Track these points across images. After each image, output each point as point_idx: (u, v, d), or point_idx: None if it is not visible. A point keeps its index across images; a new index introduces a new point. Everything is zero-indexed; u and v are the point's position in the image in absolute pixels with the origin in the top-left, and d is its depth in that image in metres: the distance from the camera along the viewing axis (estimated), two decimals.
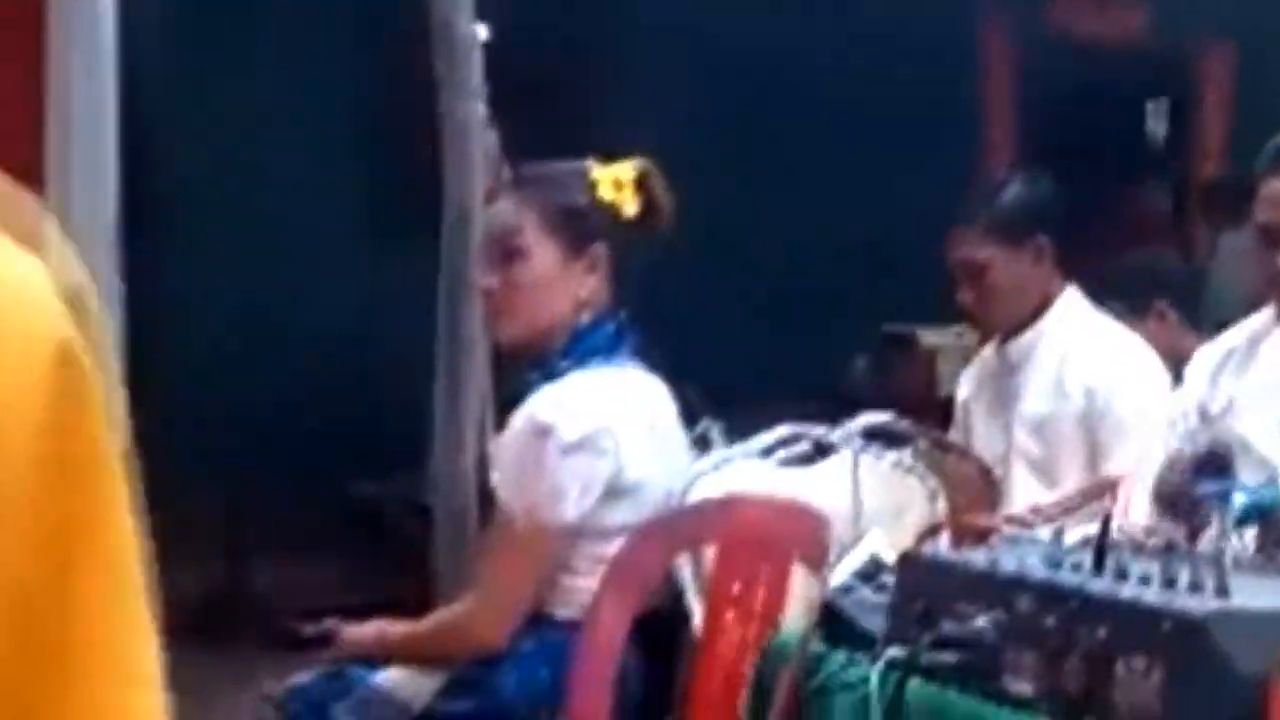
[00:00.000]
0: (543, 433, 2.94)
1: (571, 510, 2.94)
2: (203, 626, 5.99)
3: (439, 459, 4.15)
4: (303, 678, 3.15)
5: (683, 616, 2.99)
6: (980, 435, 3.58)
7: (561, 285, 3.03)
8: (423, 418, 4.26)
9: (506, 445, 3.02)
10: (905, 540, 2.60)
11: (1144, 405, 3.41)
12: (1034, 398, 3.53)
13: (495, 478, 3.00)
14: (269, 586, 5.88)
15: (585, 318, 3.05)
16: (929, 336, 5.76)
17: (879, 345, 6.16)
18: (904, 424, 3.07)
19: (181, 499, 6.49)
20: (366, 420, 6.10)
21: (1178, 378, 3.52)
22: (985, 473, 3.13)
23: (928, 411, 3.57)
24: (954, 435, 3.60)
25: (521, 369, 3.12)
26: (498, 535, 3.02)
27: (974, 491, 2.98)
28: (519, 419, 2.99)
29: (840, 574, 2.78)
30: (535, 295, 3.04)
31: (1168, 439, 3.34)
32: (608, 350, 3.05)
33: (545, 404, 2.97)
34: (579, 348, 3.03)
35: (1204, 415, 3.35)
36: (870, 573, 2.78)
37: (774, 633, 2.74)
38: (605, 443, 2.96)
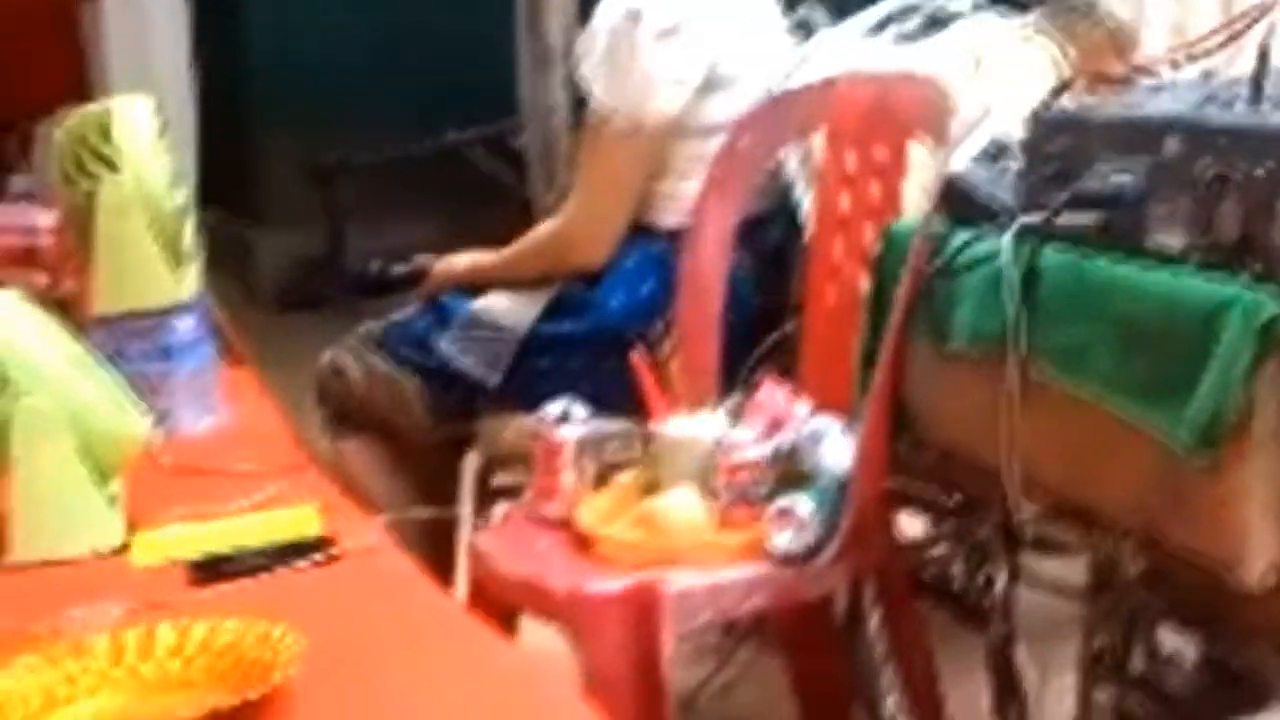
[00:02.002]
0: (631, 18, 2.69)
1: (667, 100, 2.70)
2: (304, 292, 5.90)
3: (525, 84, 3.89)
4: (401, 313, 3.00)
5: (792, 216, 2.76)
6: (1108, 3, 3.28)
7: None
8: (510, 60, 4.01)
9: (593, 36, 2.77)
10: None
11: None
12: None
13: (582, 73, 2.76)
14: (363, 247, 5.73)
15: None
16: None
17: None
18: None
19: (268, 164, 6.35)
20: (454, 70, 5.85)
21: None
22: (1119, 32, 2.84)
23: None
24: None
25: None
26: (591, 137, 2.79)
27: (1107, 54, 2.70)
28: (604, 5, 2.74)
29: (961, 157, 2.54)
30: None
31: None
32: None
33: None
34: None
35: None
36: (994, 154, 2.54)
37: (893, 218, 2.52)
38: (699, 27, 2.71)
